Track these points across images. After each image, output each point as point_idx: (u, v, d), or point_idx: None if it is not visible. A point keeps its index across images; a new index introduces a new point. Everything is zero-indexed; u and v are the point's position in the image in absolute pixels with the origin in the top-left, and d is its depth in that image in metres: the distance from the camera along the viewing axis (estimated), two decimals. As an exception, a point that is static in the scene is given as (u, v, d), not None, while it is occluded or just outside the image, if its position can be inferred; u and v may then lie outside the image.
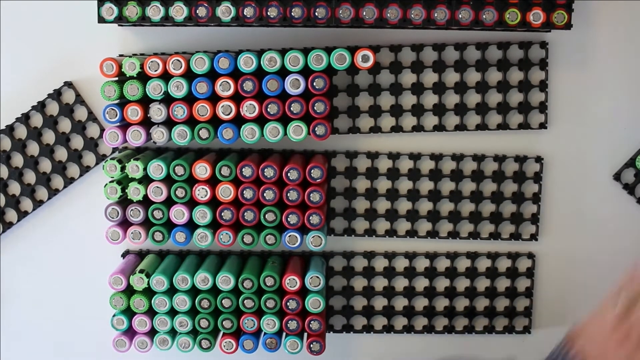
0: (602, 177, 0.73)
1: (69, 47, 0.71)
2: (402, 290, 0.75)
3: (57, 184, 0.74)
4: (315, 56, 0.62)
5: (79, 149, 0.73)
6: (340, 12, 0.64)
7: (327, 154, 0.73)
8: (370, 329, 0.76)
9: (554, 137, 0.73)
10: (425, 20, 0.64)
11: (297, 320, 0.67)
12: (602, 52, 0.71)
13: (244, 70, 0.63)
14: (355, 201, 0.74)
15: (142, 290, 0.67)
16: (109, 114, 0.64)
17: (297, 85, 0.63)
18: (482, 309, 0.75)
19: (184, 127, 0.64)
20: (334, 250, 0.75)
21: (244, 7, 0.64)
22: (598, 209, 0.74)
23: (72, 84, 0.72)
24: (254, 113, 0.63)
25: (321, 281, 0.67)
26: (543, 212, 0.73)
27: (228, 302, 0.67)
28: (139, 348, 0.68)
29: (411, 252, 0.75)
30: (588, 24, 0.71)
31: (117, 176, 0.66)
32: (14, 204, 0.74)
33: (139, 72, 0.63)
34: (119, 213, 0.66)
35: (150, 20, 0.64)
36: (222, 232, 0.66)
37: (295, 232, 0.66)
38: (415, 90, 0.71)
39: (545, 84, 0.71)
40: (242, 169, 0.65)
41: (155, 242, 0.67)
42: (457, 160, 0.73)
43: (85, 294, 0.75)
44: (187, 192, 0.65)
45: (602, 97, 0.72)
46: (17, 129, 0.73)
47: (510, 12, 0.64)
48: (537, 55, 0.71)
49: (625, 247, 0.74)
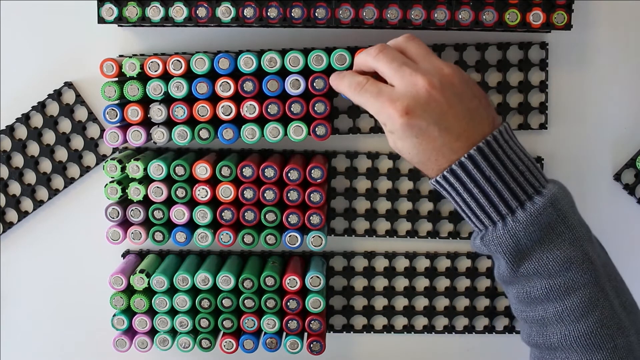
0: (603, 177, 0.73)
1: (69, 47, 0.71)
2: (402, 290, 0.75)
3: (58, 184, 0.74)
4: (315, 56, 0.62)
5: (79, 149, 0.73)
6: (340, 13, 0.64)
7: (327, 154, 0.73)
8: (370, 328, 0.76)
9: (554, 137, 0.73)
10: (425, 21, 0.64)
11: (298, 320, 0.68)
12: (602, 53, 0.71)
13: (244, 70, 0.63)
14: (356, 201, 0.74)
15: (143, 290, 0.67)
16: (109, 114, 0.64)
17: (297, 85, 0.63)
18: (483, 308, 0.75)
19: (184, 128, 0.64)
20: (334, 250, 0.75)
21: (244, 7, 0.64)
22: (598, 209, 0.74)
23: (72, 84, 0.72)
24: (254, 113, 0.63)
25: (321, 281, 0.67)
26: (543, 212, 0.73)
27: (228, 302, 0.67)
28: (139, 348, 0.68)
29: (412, 252, 0.75)
30: (588, 24, 0.71)
31: (118, 176, 0.66)
32: (14, 204, 0.74)
33: (139, 72, 0.63)
34: (119, 213, 0.66)
35: (150, 21, 0.64)
36: (223, 232, 0.66)
37: (295, 232, 0.67)
38: (416, 91, 0.71)
39: (545, 85, 0.71)
40: (243, 169, 0.65)
41: (155, 242, 0.67)
42: (457, 161, 0.73)
43: (85, 293, 0.75)
44: (187, 192, 0.65)
45: (602, 98, 0.72)
46: (17, 129, 0.73)
47: (510, 13, 0.64)
48: (537, 56, 0.71)
49: (625, 247, 0.74)
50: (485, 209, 0.53)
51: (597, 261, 0.53)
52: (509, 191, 0.53)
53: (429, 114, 0.52)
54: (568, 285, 0.52)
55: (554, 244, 0.53)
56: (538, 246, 0.53)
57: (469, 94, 0.54)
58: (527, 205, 0.53)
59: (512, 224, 0.53)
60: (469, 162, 0.52)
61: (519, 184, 0.53)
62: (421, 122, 0.52)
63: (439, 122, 0.52)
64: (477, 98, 0.54)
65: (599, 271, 0.53)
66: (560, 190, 0.54)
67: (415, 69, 0.53)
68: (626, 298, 0.54)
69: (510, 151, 0.53)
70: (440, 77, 0.53)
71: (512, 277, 0.55)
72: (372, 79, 0.56)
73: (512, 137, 0.55)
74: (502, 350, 0.76)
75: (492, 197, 0.53)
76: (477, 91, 0.55)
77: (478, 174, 0.52)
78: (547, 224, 0.52)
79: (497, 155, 0.53)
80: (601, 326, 0.52)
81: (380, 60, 0.55)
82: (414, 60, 0.55)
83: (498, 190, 0.53)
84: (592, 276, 0.52)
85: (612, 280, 0.54)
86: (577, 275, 0.52)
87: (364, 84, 0.55)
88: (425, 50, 0.55)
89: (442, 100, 0.52)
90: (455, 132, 0.52)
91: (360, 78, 0.56)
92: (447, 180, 0.54)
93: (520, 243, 0.53)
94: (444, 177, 0.54)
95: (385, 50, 0.55)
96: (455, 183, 0.53)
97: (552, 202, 0.53)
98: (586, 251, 0.53)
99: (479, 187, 0.53)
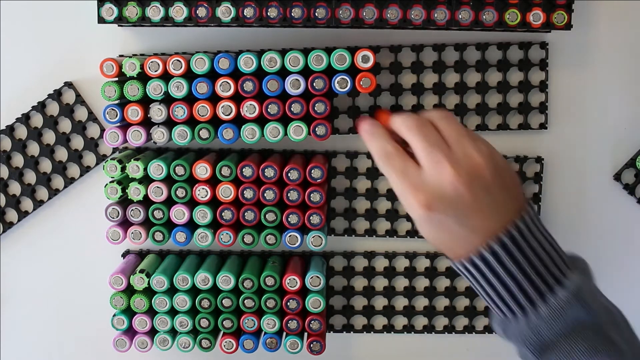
0: (603, 177, 0.73)
1: (69, 47, 0.71)
2: (402, 290, 0.75)
3: (58, 184, 0.74)
4: (315, 56, 0.62)
5: (79, 149, 0.73)
6: (340, 13, 0.64)
7: (327, 154, 0.73)
8: (370, 328, 0.76)
9: (554, 137, 0.73)
10: (425, 21, 0.64)
11: (298, 320, 0.68)
12: (602, 53, 0.71)
13: (244, 70, 0.63)
14: (356, 201, 0.74)
15: (143, 290, 0.67)
16: (109, 114, 0.64)
17: (297, 85, 0.63)
18: (483, 308, 0.75)
19: (184, 127, 0.64)
20: (335, 250, 0.75)
21: (244, 7, 0.64)
22: (598, 209, 0.74)
23: (72, 84, 0.72)
24: (254, 113, 0.63)
25: (321, 281, 0.67)
26: (543, 213, 0.73)
27: (228, 302, 0.67)
28: (139, 348, 0.68)
29: (412, 252, 0.75)
30: (588, 24, 0.71)
31: (118, 176, 0.66)
32: (14, 204, 0.74)
33: (139, 72, 0.63)
34: (120, 213, 0.66)
35: (150, 21, 0.64)
36: (223, 232, 0.66)
37: (295, 232, 0.67)
38: (415, 91, 0.71)
39: (545, 85, 0.71)
40: (243, 169, 0.65)
41: (155, 242, 0.67)
42: (457, 161, 0.72)
43: (85, 293, 0.75)
44: (187, 192, 0.65)
45: (602, 98, 0.72)
46: (17, 129, 0.73)
47: (510, 13, 0.64)
48: (537, 56, 0.71)
49: (626, 247, 0.74)
50: (506, 301, 0.52)
51: (622, 344, 0.52)
52: (529, 283, 0.51)
53: (451, 209, 0.50)
54: None
55: (579, 335, 0.51)
56: (563, 339, 0.51)
57: (498, 186, 0.51)
58: (549, 299, 0.51)
59: (534, 319, 0.51)
60: (488, 254, 0.51)
61: (540, 275, 0.51)
62: (441, 216, 0.50)
63: (460, 216, 0.50)
64: (507, 189, 0.52)
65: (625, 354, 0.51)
66: (583, 279, 0.52)
67: (445, 155, 0.50)
68: None
69: (533, 239, 0.51)
70: (469, 168, 0.50)
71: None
72: (402, 150, 0.53)
73: (535, 223, 0.52)
74: (502, 350, 0.76)
75: (512, 289, 0.51)
76: (509, 180, 0.52)
77: (498, 265, 0.51)
78: (573, 318, 0.51)
79: (519, 246, 0.51)
80: None
81: (414, 135, 0.52)
82: (447, 142, 0.52)
83: (518, 282, 0.51)
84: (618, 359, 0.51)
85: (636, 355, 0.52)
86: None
87: (392, 155, 0.52)
88: (459, 133, 0.52)
89: (466, 195, 0.50)
90: (476, 226, 0.51)
91: (390, 147, 0.53)
92: (466, 268, 0.52)
93: (544, 338, 0.51)
94: (463, 266, 0.52)
95: (423, 126, 0.52)
96: (475, 272, 0.52)
97: (575, 295, 0.51)
98: (609, 336, 0.51)
99: (498, 279, 0.51)
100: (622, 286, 0.74)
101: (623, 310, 0.54)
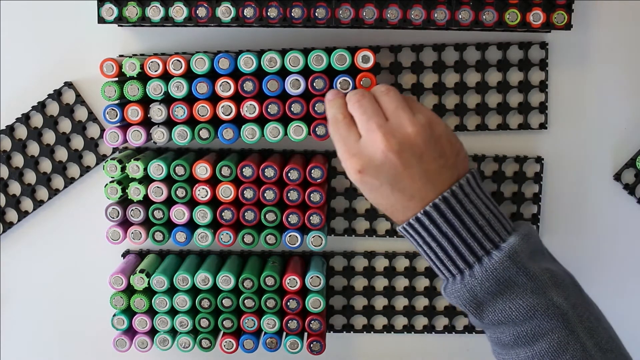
0: (603, 177, 0.73)
1: (69, 47, 0.71)
2: (402, 290, 0.75)
3: (58, 184, 0.74)
4: (315, 56, 0.62)
5: (79, 149, 0.73)
6: (340, 13, 0.64)
7: (327, 154, 0.73)
8: (370, 328, 0.76)
9: (554, 137, 0.73)
10: (425, 21, 0.64)
11: (298, 320, 0.68)
12: (602, 53, 0.71)
13: (244, 70, 0.63)
14: (356, 201, 0.74)
15: (143, 290, 0.67)
16: (109, 114, 0.64)
17: (297, 85, 0.63)
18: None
19: (184, 127, 0.64)
20: (335, 250, 0.75)
21: (244, 7, 0.64)
22: (598, 209, 0.74)
23: (72, 84, 0.72)
24: (254, 113, 0.63)
25: (321, 281, 0.67)
26: (543, 213, 0.73)
27: (228, 302, 0.67)
28: (139, 348, 0.68)
29: (411, 252, 0.75)
30: (588, 24, 0.71)
31: (118, 176, 0.66)
32: (14, 204, 0.74)
33: (139, 72, 0.63)
34: (120, 213, 0.66)
35: (150, 21, 0.64)
36: (223, 232, 0.66)
37: (295, 232, 0.67)
38: (415, 91, 0.71)
39: (545, 85, 0.71)
40: (243, 169, 0.65)
41: (155, 242, 0.67)
42: (457, 161, 0.73)
43: (85, 293, 0.75)
44: (187, 192, 0.65)
45: (602, 98, 0.72)
46: (17, 129, 0.73)
47: (510, 13, 0.64)
48: (537, 56, 0.71)
49: (626, 247, 0.74)
50: (444, 262, 0.56)
51: (565, 305, 0.54)
52: (465, 246, 0.55)
53: (382, 175, 0.54)
54: (534, 331, 0.54)
55: (515, 294, 0.54)
56: (498, 298, 0.54)
57: (431, 154, 0.55)
58: (485, 260, 0.54)
59: (469, 279, 0.54)
60: (425, 218, 0.55)
61: (477, 239, 0.54)
62: (374, 180, 0.55)
63: (392, 182, 0.55)
64: (444, 157, 0.55)
65: (567, 314, 0.54)
66: (520, 242, 0.55)
67: (379, 125, 0.55)
68: (602, 337, 0.54)
69: (470, 205, 0.55)
70: (402, 137, 0.54)
71: (480, 325, 0.57)
72: (349, 120, 0.57)
73: (475, 190, 0.56)
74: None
75: (449, 252, 0.55)
76: (448, 149, 0.56)
77: (435, 229, 0.55)
78: (506, 278, 0.54)
79: (455, 211, 0.54)
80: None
81: (356, 109, 0.57)
82: (385, 114, 0.56)
83: (455, 246, 0.55)
84: (559, 320, 0.53)
85: (585, 320, 0.54)
86: (542, 322, 0.53)
87: (340, 123, 0.57)
88: (396, 106, 0.56)
89: (397, 162, 0.54)
90: (409, 192, 0.55)
91: (340, 116, 0.58)
92: (407, 232, 0.56)
93: (478, 296, 0.55)
94: (404, 229, 0.56)
95: (363, 100, 0.57)
96: (415, 235, 0.56)
97: (510, 256, 0.54)
98: (550, 297, 0.54)
99: (436, 242, 0.55)
100: (622, 286, 0.74)
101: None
